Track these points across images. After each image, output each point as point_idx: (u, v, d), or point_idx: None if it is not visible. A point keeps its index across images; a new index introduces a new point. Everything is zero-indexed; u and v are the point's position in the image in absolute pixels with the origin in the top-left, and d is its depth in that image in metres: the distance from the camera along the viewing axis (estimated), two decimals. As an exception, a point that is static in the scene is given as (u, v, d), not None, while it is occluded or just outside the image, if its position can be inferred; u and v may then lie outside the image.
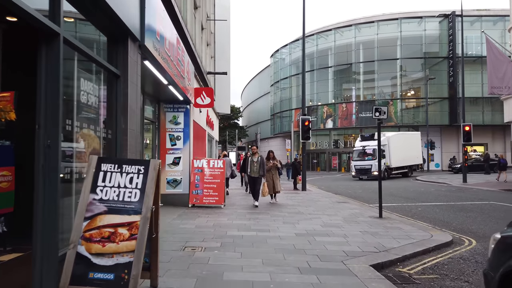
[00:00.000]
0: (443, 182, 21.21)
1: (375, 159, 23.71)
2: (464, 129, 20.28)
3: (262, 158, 9.77)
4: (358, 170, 25.62)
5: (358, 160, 26.18)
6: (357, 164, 25.93)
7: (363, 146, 25.99)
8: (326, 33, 44.23)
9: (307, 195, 14.16)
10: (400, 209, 10.44)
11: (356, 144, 27.78)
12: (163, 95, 9.12)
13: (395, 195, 14.59)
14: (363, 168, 25.20)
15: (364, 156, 25.64)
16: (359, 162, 25.85)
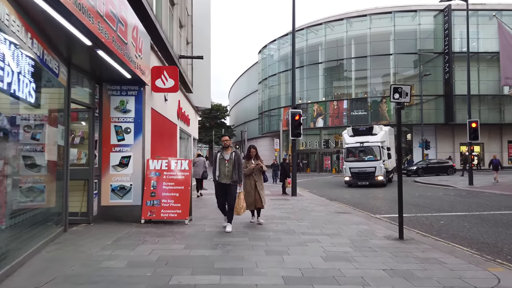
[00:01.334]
0: (446, 185, 19.19)
1: (379, 160, 19.21)
2: (471, 126, 18.31)
3: (237, 155, 6.63)
4: (356, 174, 19.54)
5: (354, 160, 20.06)
6: (354, 167, 19.69)
7: (361, 143, 19.91)
8: (317, 28, 42.14)
9: (298, 202, 11.85)
10: (418, 222, 8.19)
11: (347, 139, 20.97)
12: (104, 72, 6.68)
13: (407, 203, 12.37)
14: (364, 172, 19.28)
15: (363, 156, 20.09)
16: (357, 163, 19.72)
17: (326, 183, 23.91)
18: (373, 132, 20.19)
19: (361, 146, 19.98)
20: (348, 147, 20.66)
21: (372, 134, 20.14)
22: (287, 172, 15.49)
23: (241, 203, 6.76)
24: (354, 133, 20.70)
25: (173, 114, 11.44)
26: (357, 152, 20.37)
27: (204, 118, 60.96)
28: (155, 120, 8.66)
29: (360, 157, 20.21)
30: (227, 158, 6.60)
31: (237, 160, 6.62)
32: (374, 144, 19.67)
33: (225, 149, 6.72)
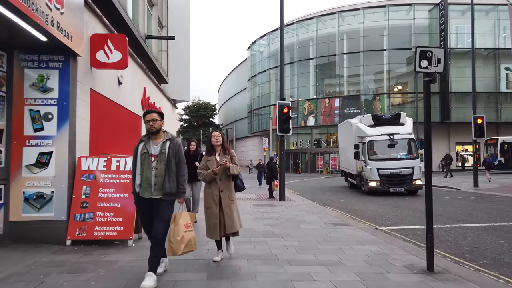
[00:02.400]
0: (449, 187, 17.54)
1: (416, 157, 14.61)
2: (476, 122, 16.70)
3: (174, 146, 3.88)
4: (387, 178, 14.19)
5: (382, 159, 14.52)
6: (385, 167, 14.26)
7: (389, 135, 14.57)
8: (308, 22, 40.41)
9: (287, 208, 9.96)
10: (438, 238, 6.34)
11: (367, 130, 15.37)
12: (11, 34, 4.69)
13: (408, 208, 10.58)
14: (398, 174, 14.15)
15: (394, 153, 14.66)
16: (388, 163, 14.36)
17: (318, 184, 22.11)
18: (400, 121, 15.45)
19: (392, 140, 14.55)
20: (373, 140, 14.78)
21: (399, 123, 15.38)
22: (274, 173, 13.60)
23: (179, 232, 3.80)
24: (376, 122, 15.46)
25: (135, 103, 9.45)
26: (385, 148, 14.74)
27: (192, 117, 58.87)
28: (101, 107, 6.68)
29: (390, 155, 14.68)
30: (155, 152, 3.80)
31: (174, 155, 3.81)
32: (407, 137, 14.77)
33: (154, 136, 3.89)
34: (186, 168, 3.95)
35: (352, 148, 15.88)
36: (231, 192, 4.55)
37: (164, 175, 3.75)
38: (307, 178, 29.52)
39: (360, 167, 15.50)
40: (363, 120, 16.31)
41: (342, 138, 20.25)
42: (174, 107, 16.40)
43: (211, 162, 4.43)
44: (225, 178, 4.45)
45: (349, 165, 17.52)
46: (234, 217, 4.48)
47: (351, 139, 16.68)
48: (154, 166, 3.78)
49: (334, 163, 38.78)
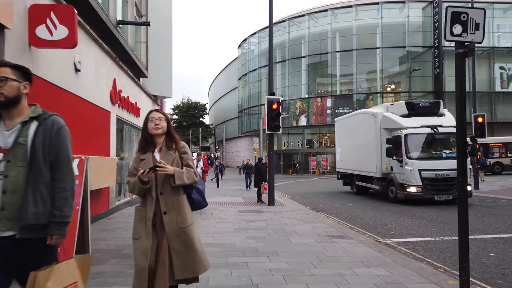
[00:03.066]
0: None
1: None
2: (477, 121, 15.80)
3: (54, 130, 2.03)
4: (431, 182, 11.21)
5: (426, 158, 11.63)
6: (429, 168, 11.31)
7: (432, 127, 11.63)
8: (299, 20, 39.42)
9: (276, 215, 8.82)
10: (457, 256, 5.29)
11: (402, 121, 12.18)
12: None
13: (411, 215, 9.54)
14: (446, 178, 11.18)
15: (437, 151, 11.85)
16: (432, 162, 11.46)
17: (310, 187, 21.05)
18: (440, 111, 12.49)
19: (437, 133, 11.51)
20: (411, 133, 11.66)
21: (439, 114, 12.44)
22: (263, 175, 12.47)
23: None
24: (411, 111, 12.25)
25: (102, 96, 8.22)
26: (427, 144, 11.86)
27: (181, 117, 57.45)
28: (48, 98, 5.46)
29: (433, 153, 11.78)
30: (4, 143, 1.96)
31: (47, 150, 2.01)
32: (452, 130, 11.23)
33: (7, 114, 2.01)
34: (72, 175, 2.09)
35: (370, 144, 13.29)
36: (183, 214, 2.59)
37: (24, 189, 1.92)
38: (299, 180, 28.47)
39: (387, 167, 12.37)
40: (392, 109, 13.22)
41: (344, 134, 16.97)
42: (155, 103, 15.15)
43: (146, 163, 2.59)
44: (170, 191, 2.59)
45: (360, 166, 14.47)
46: (190, 254, 2.56)
47: (370, 133, 13.38)
48: (1, 170, 1.93)
49: (326, 164, 37.87)
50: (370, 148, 13.41)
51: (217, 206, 11.02)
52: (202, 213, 9.11)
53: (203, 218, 8.29)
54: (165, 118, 2.70)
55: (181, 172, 2.58)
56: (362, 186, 14.93)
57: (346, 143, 16.77)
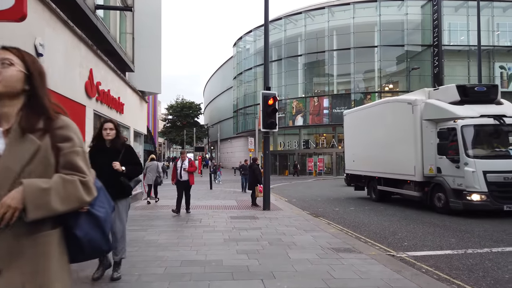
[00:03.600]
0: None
1: None
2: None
3: None
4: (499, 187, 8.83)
5: (492, 156, 9.29)
6: (496, 170, 8.92)
7: (496, 117, 9.34)
8: (295, 17, 38.57)
9: (272, 222, 7.88)
10: (491, 277, 4.38)
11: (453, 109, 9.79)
12: None
13: (420, 221, 8.64)
14: None
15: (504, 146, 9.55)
16: (499, 162, 9.07)
17: (307, 188, 20.13)
18: (497, 98, 10.28)
19: (504, 124, 9.22)
20: (473, 124, 9.38)
21: (496, 101, 10.22)
22: (258, 177, 11.52)
23: None
24: (463, 98, 9.92)
25: (74, 87, 7.23)
26: (489, 139, 9.57)
27: (175, 117, 56.39)
28: None
29: (500, 150, 9.45)
30: None
31: None
32: None
33: None
34: None
35: (403, 140, 10.92)
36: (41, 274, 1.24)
37: None
38: (295, 181, 27.56)
39: (431, 169, 9.98)
40: (437, 95, 10.51)
41: (359, 129, 14.29)
42: (143, 100, 14.17)
43: None
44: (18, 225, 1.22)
45: (386, 167, 11.93)
46: None
47: (404, 126, 10.89)
48: None
49: (322, 165, 37.04)
50: (403, 144, 10.94)
51: (207, 211, 10.07)
52: (189, 220, 8.15)
53: (189, 226, 7.33)
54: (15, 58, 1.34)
55: (43, 189, 1.23)
56: (386, 192, 12.44)
57: (362, 139, 13.88)
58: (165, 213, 9.35)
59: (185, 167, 9.28)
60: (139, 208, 10.71)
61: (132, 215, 8.96)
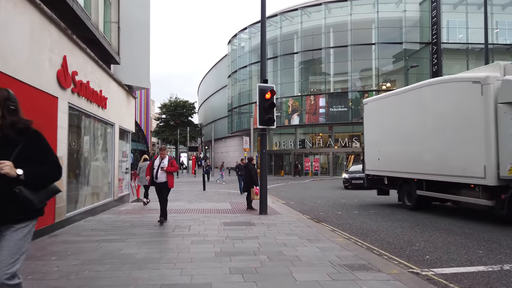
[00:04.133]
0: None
1: None
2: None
3: None
4: None
5: None
6: None
7: None
8: (291, 14, 37.73)
9: (270, 230, 6.97)
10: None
11: None
12: None
13: (433, 227, 7.78)
14: None
15: None
16: None
17: (304, 189, 19.27)
18: None
19: None
20: None
21: None
22: (253, 178, 10.61)
23: None
24: None
25: (42, 74, 6.25)
26: None
27: (169, 116, 55.19)
28: None
29: None
30: None
31: None
32: None
33: None
34: None
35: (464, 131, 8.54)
36: None
37: None
38: (291, 182, 26.70)
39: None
40: None
41: (388, 119, 11.75)
42: (130, 95, 13.17)
43: None
44: None
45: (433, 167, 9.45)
46: None
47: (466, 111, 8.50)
48: None
49: (318, 166, 36.22)
50: (465, 136, 8.50)
51: (198, 215, 9.13)
52: (176, 227, 7.21)
53: (176, 235, 6.39)
54: None
55: None
56: (428, 198, 10.07)
57: (394, 132, 11.33)
58: (152, 219, 8.40)
59: (164, 166, 7.72)
60: (123, 212, 9.74)
61: (113, 221, 8.02)
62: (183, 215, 9.22)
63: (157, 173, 7.71)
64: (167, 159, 7.85)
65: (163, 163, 7.76)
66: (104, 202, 10.09)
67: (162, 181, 7.77)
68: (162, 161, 7.79)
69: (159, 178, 7.73)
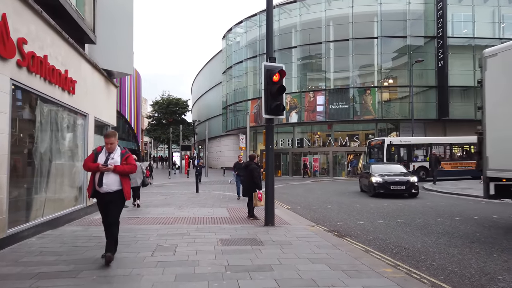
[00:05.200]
0: (469, 194, 13.32)
1: None
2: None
3: None
4: None
5: None
6: None
7: None
8: (290, 6, 35.93)
9: (285, 252, 5.12)
10: None
11: None
12: None
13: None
14: None
15: None
16: None
17: (307, 191, 17.43)
18: None
19: None
20: None
21: None
22: (256, 181, 8.74)
23: None
24: None
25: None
26: None
27: (161, 114, 53.07)
28: None
29: None
30: None
31: None
32: None
33: None
34: None
35: None
36: None
37: None
38: (291, 183, 24.88)
39: None
40: None
41: None
42: (110, 83, 11.21)
43: None
44: None
45: None
46: None
47: None
48: None
49: (318, 165, 34.48)
50: None
51: (188, 227, 7.27)
52: (158, 248, 5.33)
53: (154, 264, 4.50)
54: None
55: None
56: None
57: None
58: (131, 232, 6.50)
59: (114, 163, 4.65)
60: (96, 222, 7.79)
61: (76, 237, 6.09)
62: (170, 226, 7.34)
63: (101, 178, 4.58)
64: (119, 152, 4.79)
65: (113, 158, 4.68)
66: (73, 210, 8.17)
67: (112, 190, 4.61)
68: (110, 155, 4.72)
69: (107, 184, 4.59)
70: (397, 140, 25.06)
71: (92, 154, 4.80)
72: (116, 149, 4.81)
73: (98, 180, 4.59)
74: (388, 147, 23.84)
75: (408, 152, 24.57)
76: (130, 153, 4.94)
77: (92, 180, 4.72)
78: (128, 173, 4.75)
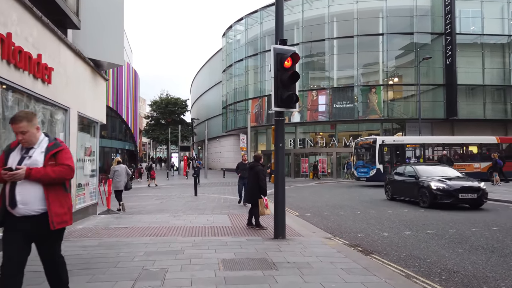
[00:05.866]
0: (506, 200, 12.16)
1: None
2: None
3: None
4: None
5: None
6: None
7: None
8: (292, 3, 34.74)
9: (308, 282, 3.95)
10: None
11: None
12: None
13: None
14: None
15: None
16: None
17: (313, 194, 16.22)
18: None
19: None
20: None
21: None
22: (262, 184, 7.57)
23: None
24: None
25: None
26: None
27: (159, 114, 51.91)
28: None
29: None
30: None
31: None
32: None
33: None
34: None
35: None
36: None
37: None
38: (294, 185, 23.67)
39: None
40: None
41: None
42: (98, 75, 10.02)
43: None
44: None
45: None
46: None
47: None
48: None
49: (324, 166, 33.28)
50: None
51: (184, 240, 6.10)
52: (141, 275, 4.14)
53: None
54: None
55: None
56: None
57: None
58: (113, 249, 5.33)
59: (33, 164, 2.81)
60: (75, 234, 6.59)
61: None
62: (162, 239, 6.17)
63: (13, 191, 2.76)
64: (44, 146, 2.94)
65: (30, 157, 2.88)
66: (49, 219, 6.96)
67: (34, 212, 2.78)
68: (26, 153, 2.91)
69: (23, 202, 2.76)
70: (390, 139, 23.32)
71: (3, 154, 2.97)
72: (39, 142, 2.94)
73: (9, 196, 2.74)
74: (381, 147, 22.13)
75: (402, 153, 22.85)
76: (65, 146, 3.03)
77: (0, 197, 2.85)
78: (57, 180, 2.82)
